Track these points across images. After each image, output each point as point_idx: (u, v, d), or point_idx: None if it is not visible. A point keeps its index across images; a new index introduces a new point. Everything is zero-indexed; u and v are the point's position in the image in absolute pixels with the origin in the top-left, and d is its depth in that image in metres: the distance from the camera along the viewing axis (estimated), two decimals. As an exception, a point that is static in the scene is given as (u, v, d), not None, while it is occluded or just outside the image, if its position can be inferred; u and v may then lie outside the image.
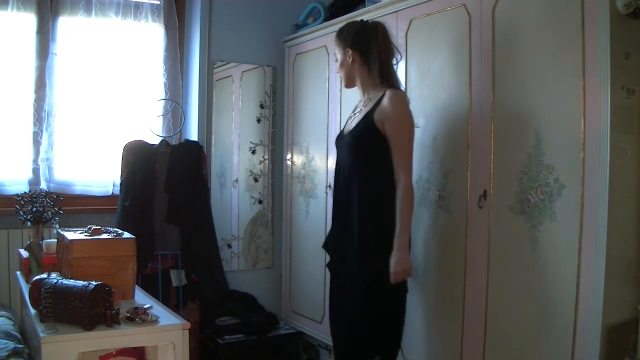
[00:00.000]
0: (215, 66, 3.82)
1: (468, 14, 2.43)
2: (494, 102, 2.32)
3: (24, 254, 2.67)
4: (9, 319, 2.79)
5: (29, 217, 2.70)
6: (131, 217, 3.28)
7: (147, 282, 3.21)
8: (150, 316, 1.98)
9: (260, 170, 3.98)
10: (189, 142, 3.60)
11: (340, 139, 2.52)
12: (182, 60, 3.86)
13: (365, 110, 2.39)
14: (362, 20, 2.54)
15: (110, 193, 3.61)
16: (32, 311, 2.03)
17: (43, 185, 3.43)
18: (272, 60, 3.97)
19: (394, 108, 2.30)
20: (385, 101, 2.31)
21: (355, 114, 2.49)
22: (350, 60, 2.43)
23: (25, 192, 2.84)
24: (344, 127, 2.56)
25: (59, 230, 2.49)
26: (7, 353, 2.27)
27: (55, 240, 2.50)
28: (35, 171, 3.46)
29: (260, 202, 3.98)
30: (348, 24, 2.53)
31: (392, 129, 2.30)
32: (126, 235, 2.32)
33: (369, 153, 2.35)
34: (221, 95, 3.88)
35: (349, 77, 2.48)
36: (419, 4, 2.67)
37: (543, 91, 2.14)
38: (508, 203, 2.25)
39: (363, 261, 2.32)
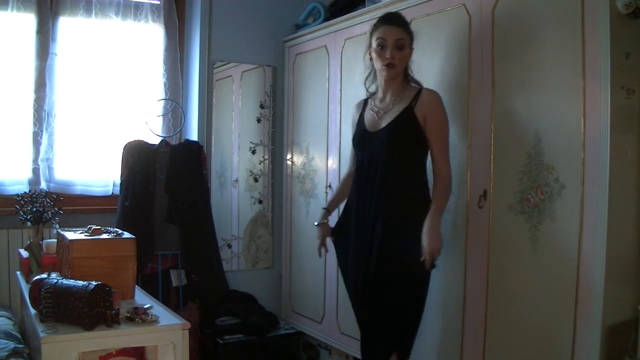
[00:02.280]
0: (215, 66, 3.82)
1: (468, 14, 2.43)
2: (494, 102, 2.32)
3: (24, 254, 2.67)
4: (9, 319, 2.79)
5: (29, 217, 2.70)
6: (131, 217, 3.28)
7: (147, 282, 3.20)
8: (150, 316, 1.98)
9: (260, 170, 3.98)
10: (189, 142, 3.60)
11: (369, 136, 2.45)
12: (182, 60, 3.86)
13: (401, 106, 2.38)
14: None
15: (110, 193, 3.61)
16: (32, 311, 2.03)
17: (43, 185, 3.43)
18: (272, 60, 3.97)
19: (436, 103, 2.37)
20: (427, 96, 2.36)
21: (379, 111, 2.46)
22: (410, 55, 2.44)
23: (25, 192, 2.84)
24: (364, 125, 2.49)
25: (59, 230, 2.48)
26: (7, 353, 2.27)
27: (55, 240, 2.50)
28: (35, 171, 3.46)
29: (260, 202, 3.98)
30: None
31: (435, 123, 2.36)
32: (126, 235, 2.32)
33: (408, 148, 2.40)
34: (221, 95, 3.88)
35: (400, 72, 2.44)
36: (419, 4, 2.67)
37: (543, 91, 2.14)
38: (508, 203, 2.25)
39: (403, 252, 2.36)
